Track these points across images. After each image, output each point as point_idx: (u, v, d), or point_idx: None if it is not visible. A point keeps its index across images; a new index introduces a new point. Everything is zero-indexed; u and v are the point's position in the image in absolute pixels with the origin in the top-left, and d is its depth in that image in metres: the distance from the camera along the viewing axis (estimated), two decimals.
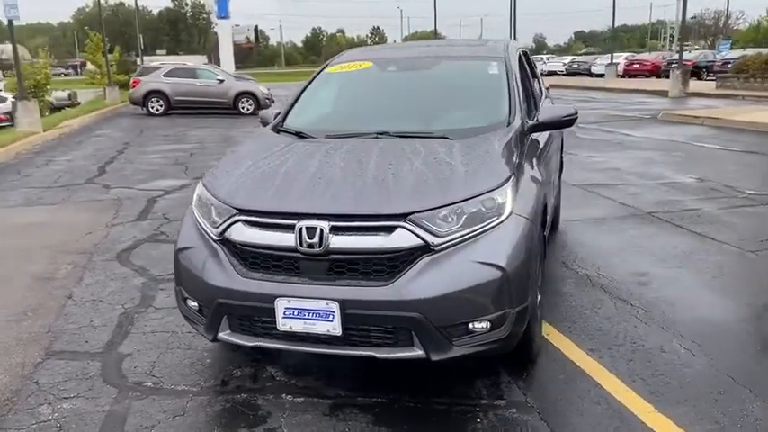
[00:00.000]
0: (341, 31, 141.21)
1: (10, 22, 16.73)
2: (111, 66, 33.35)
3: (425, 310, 2.89)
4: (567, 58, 51.73)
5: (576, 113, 4.16)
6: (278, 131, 4.21)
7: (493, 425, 3.04)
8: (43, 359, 3.85)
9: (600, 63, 41.44)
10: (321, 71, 4.78)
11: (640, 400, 3.17)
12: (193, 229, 3.43)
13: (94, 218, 7.10)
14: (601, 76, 38.74)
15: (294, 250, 3.02)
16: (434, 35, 50.35)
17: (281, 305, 3.00)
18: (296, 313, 3.00)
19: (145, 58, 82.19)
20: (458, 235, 2.98)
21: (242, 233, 3.16)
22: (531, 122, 4.02)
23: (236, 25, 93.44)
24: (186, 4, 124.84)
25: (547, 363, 3.60)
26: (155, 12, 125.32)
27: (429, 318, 2.90)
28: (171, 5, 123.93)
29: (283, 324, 3.03)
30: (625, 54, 41.33)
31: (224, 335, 3.22)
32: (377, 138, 3.81)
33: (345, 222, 2.99)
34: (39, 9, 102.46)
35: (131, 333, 4.16)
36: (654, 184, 8.12)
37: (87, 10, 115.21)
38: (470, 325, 2.99)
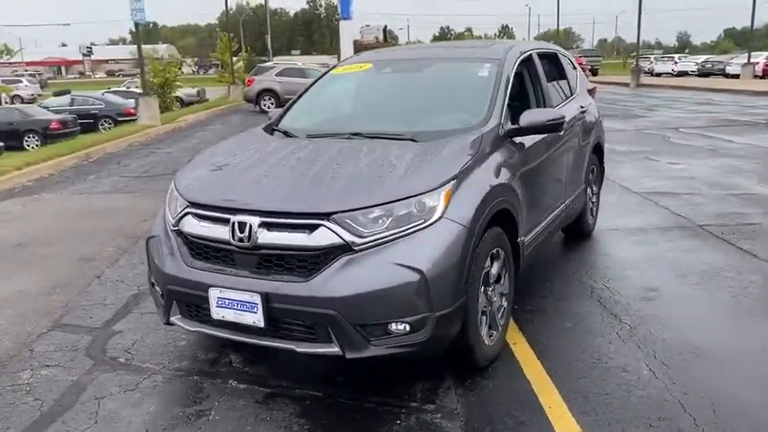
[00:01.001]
0: (468, 29, 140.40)
1: (136, 25, 18.22)
2: (240, 65, 35.38)
3: (340, 307, 2.96)
4: (701, 58, 48.37)
5: (562, 118, 4.02)
6: (271, 131, 4.39)
7: (409, 428, 3.05)
8: (48, 330, 4.27)
9: (736, 63, 38.39)
10: (327, 72, 4.91)
11: (569, 418, 3.06)
12: (161, 219, 3.69)
13: (160, 206, 7.65)
14: (736, 76, 35.96)
15: (228, 243, 3.18)
16: (557, 34, 48.92)
17: (214, 294, 3.18)
18: (227, 303, 3.16)
19: (278, 57, 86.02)
20: (380, 236, 3.02)
21: (190, 224, 3.37)
22: (510, 127, 3.92)
23: (366, 25, 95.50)
24: (320, 6, 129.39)
25: (497, 372, 3.53)
26: (291, 13, 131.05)
27: (344, 316, 2.96)
28: (306, 7, 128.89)
29: (217, 313, 3.20)
30: (766, 53, 37.94)
31: (174, 319, 3.45)
32: (349, 138, 3.89)
33: (273, 219, 3.11)
34: (189, 11, 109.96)
35: (131, 313, 4.52)
36: (724, 195, 7.53)
37: (231, 12, 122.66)
38: (389, 326, 3.01)
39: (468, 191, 3.28)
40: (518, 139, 4.01)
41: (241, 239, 3.13)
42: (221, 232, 3.21)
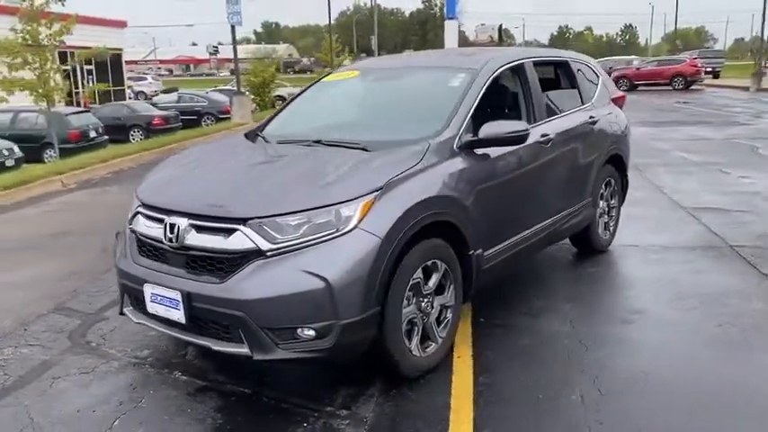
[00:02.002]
0: (588, 28, 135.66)
1: (232, 27, 19.17)
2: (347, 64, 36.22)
3: (249, 310, 3.08)
4: None
5: (523, 131, 3.92)
6: (254, 136, 4.56)
7: (312, 431, 3.12)
8: (48, 312, 4.69)
9: None
10: (319, 79, 5.04)
11: None
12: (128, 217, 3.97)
13: None
14: None
15: (162, 242, 3.39)
16: (675, 34, 46.32)
17: (148, 290, 3.41)
18: (158, 299, 3.37)
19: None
20: (293, 243, 3.11)
21: (139, 223, 3.62)
22: (469, 138, 3.88)
23: (482, 24, 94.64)
24: (435, 5, 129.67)
25: (426, 384, 3.51)
26: (407, 13, 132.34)
27: (253, 318, 3.08)
28: (422, 7, 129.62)
29: (151, 307, 3.42)
30: None
31: (126, 310, 3.71)
32: (309, 145, 4.00)
33: (199, 221, 3.29)
34: (309, 11, 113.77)
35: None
36: None
37: (348, 13, 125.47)
38: (297, 331, 3.10)
39: (392, 202, 3.29)
40: (480, 151, 3.96)
41: (171, 239, 3.33)
42: (158, 232, 3.43)
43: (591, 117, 5.27)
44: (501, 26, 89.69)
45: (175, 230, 3.32)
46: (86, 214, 7.91)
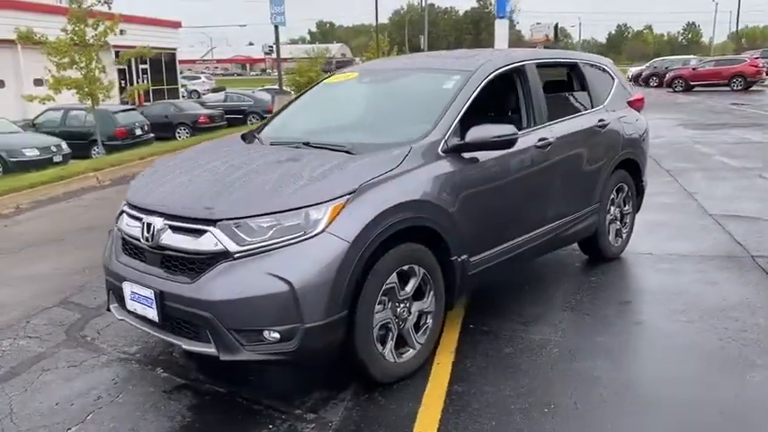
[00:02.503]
0: (648, 27, 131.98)
1: (276, 27, 19.43)
2: None
3: (215, 311, 3.11)
4: None
5: (511, 135, 3.83)
6: (252, 136, 4.60)
7: None
8: (52, 306, 4.85)
9: None
10: (321, 81, 5.05)
11: None
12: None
13: None
14: None
15: (140, 241, 3.46)
16: (738, 33, 44.62)
17: (127, 288, 3.48)
18: (136, 297, 3.44)
19: None
20: (261, 245, 3.13)
21: (123, 222, 3.71)
22: (456, 142, 3.82)
23: (537, 23, 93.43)
24: (489, 4, 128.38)
25: (399, 390, 3.48)
26: (461, 12, 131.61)
27: (219, 319, 3.11)
28: (476, 5, 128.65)
29: (130, 305, 3.50)
30: None
31: (112, 307, 3.80)
32: (296, 147, 4.01)
33: (173, 222, 3.34)
34: (363, 11, 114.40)
35: None
36: None
37: (401, 12, 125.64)
38: (263, 333, 3.12)
39: (363, 206, 3.26)
40: (469, 155, 3.89)
41: (147, 238, 3.39)
42: (137, 231, 3.50)
43: (600, 120, 5.12)
44: (557, 25, 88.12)
45: (151, 230, 3.38)
46: (113, 210, 8.12)
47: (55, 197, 9.42)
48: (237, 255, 3.13)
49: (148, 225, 3.40)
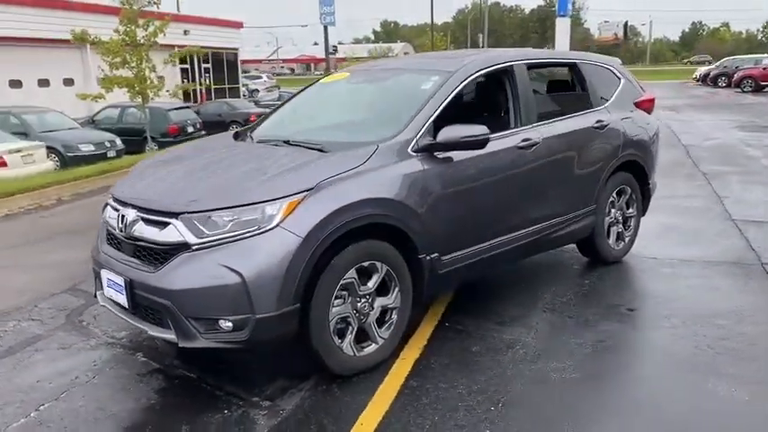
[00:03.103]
0: (725, 24, 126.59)
1: (325, 28, 19.73)
2: None
3: (174, 299, 3.28)
4: None
5: (482, 135, 3.86)
6: (244, 134, 4.76)
7: (227, 417, 3.27)
8: (60, 292, 5.15)
9: None
10: (317, 80, 5.18)
11: None
12: None
13: None
14: None
15: (116, 231, 3.67)
16: None
17: (104, 275, 3.70)
18: (111, 284, 3.65)
19: None
20: (218, 238, 3.27)
21: (107, 213, 3.92)
22: (427, 142, 3.87)
23: (605, 21, 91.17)
24: (556, 2, 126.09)
25: (357, 382, 3.55)
26: (527, 10, 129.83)
27: (178, 307, 3.27)
28: (543, 3, 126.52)
29: (107, 291, 3.72)
30: None
31: (98, 293, 4.02)
32: (275, 144, 4.15)
33: (143, 214, 3.53)
34: (427, 9, 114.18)
35: None
36: None
37: (466, 11, 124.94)
38: (219, 322, 3.26)
39: (319, 203, 3.36)
40: (443, 155, 3.93)
41: (121, 229, 3.59)
42: (115, 222, 3.71)
43: (598, 121, 5.05)
44: (626, 23, 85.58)
45: (125, 221, 3.58)
46: None
47: (94, 190, 9.91)
48: (196, 246, 3.28)
49: (123, 217, 3.60)
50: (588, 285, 4.99)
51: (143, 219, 3.52)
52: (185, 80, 34.75)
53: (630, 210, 5.54)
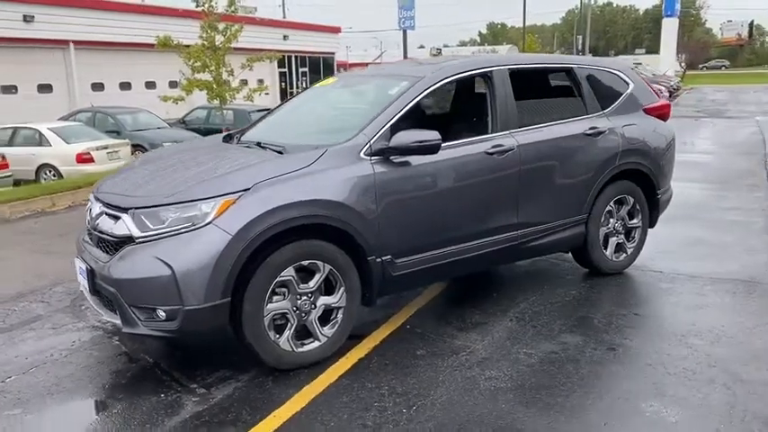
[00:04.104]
0: None
1: (404, 32, 19.91)
2: None
3: (119, 288, 3.55)
4: None
5: (432, 141, 3.89)
6: (233, 136, 4.99)
7: (161, 401, 3.50)
8: (70, 281, 5.58)
9: None
10: (313, 85, 5.36)
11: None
12: None
13: None
14: None
15: (88, 224, 4.01)
16: None
17: (77, 264, 4.04)
18: (81, 272, 3.99)
19: (623, 56, 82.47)
20: (158, 232, 3.52)
21: (87, 207, 4.28)
22: (381, 146, 3.95)
23: (728, 21, 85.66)
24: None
25: (292, 376, 3.68)
26: (641, 10, 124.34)
27: (122, 295, 3.55)
28: (658, 2, 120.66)
29: (79, 278, 4.06)
30: None
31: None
32: (247, 146, 4.37)
33: (105, 208, 3.83)
34: (537, 10, 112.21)
35: None
36: None
37: (576, 11, 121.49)
38: (156, 311, 3.50)
39: (254, 203, 3.52)
40: (399, 159, 3.99)
41: (89, 222, 3.92)
42: (87, 215, 4.05)
43: (592, 128, 4.90)
44: (752, 22, 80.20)
45: (92, 214, 3.90)
46: None
47: None
48: (139, 239, 3.54)
49: (91, 210, 3.93)
50: (573, 296, 4.86)
51: (105, 213, 3.82)
52: (283, 84, 36.19)
53: (634, 220, 5.32)
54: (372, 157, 3.92)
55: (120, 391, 3.64)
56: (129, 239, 3.59)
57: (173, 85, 22.37)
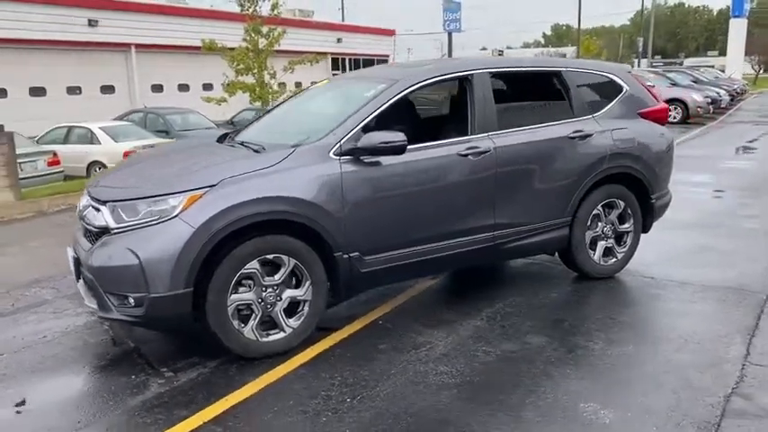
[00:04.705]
0: None
1: (449, 35, 19.95)
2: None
3: (96, 275, 3.83)
4: None
5: (398, 142, 4.01)
6: (229, 136, 5.22)
7: (132, 381, 3.74)
8: None
9: None
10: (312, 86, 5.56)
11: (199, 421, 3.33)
12: None
13: None
14: None
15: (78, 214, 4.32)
16: None
17: (69, 253, 4.35)
18: (70, 260, 4.29)
19: (692, 59, 79.76)
20: (130, 224, 3.77)
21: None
22: (350, 146, 4.09)
23: None
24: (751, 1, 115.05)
25: (256, 365, 3.85)
26: (714, 11, 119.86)
27: (98, 282, 3.82)
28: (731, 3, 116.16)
29: (70, 266, 4.36)
30: None
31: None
32: (232, 146, 4.59)
33: (90, 201, 4.12)
34: (604, 11, 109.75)
35: None
36: None
37: (645, 12, 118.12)
38: (128, 297, 3.75)
39: (219, 198, 3.72)
40: (370, 159, 4.12)
41: (79, 212, 4.22)
42: (79, 207, 4.35)
43: (577, 131, 4.91)
44: None
45: (81, 205, 4.20)
46: None
47: None
48: (114, 231, 3.80)
49: (80, 202, 4.23)
50: (553, 298, 4.88)
51: (91, 205, 4.11)
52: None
53: (626, 225, 5.28)
54: (342, 157, 4.07)
55: (96, 371, 3.91)
56: (105, 230, 3.85)
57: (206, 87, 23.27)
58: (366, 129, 4.16)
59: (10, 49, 20.84)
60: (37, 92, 22.34)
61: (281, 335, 4.00)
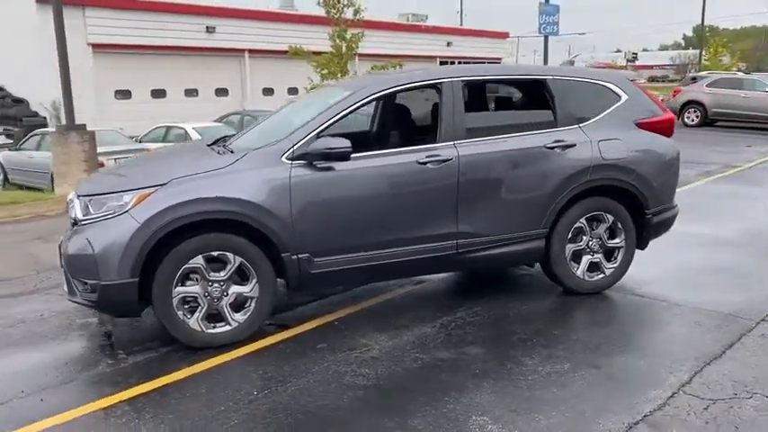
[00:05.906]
0: None
1: (545, 38, 19.48)
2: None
3: (65, 261, 4.26)
4: None
5: (340, 148, 4.15)
6: (225, 139, 5.53)
7: (84, 359, 4.13)
8: None
9: None
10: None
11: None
12: None
13: None
14: None
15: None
16: None
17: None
18: (58, 249, 4.77)
19: None
20: (93, 217, 4.16)
21: None
22: (302, 151, 4.26)
23: None
24: None
25: (200, 355, 4.08)
26: None
27: (67, 268, 4.25)
28: None
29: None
30: None
31: None
32: (211, 149, 4.89)
33: (73, 195, 4.57)
34: (748, 10, 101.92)
35: None
36: None
37: None
38: (87, 283, 4.15)
39: (165, 196, 4.01)
40: (323, 164, 4.27)
41: (66, 205, 4.70)
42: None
43: (558, 141, 4.77)
44: None
45: (68, 199, 4.67)
46: None
47: None
48: (81, 222, 4.20)
49: (69, 196, 4.70)
50: (519, 311, 4.76)
51: (74, 198, 4.55)
52: None
53: (616, 240, 5.04)
54: (294, 162, 4.24)
55: (63, 348, 4.34)
56: (76, 222, 4.27)
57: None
58: (321, 135, 4.30)
59: (135, 55, 22.77)
60: (158, 94, 24.21)
61: (227, 328, 4.23)
